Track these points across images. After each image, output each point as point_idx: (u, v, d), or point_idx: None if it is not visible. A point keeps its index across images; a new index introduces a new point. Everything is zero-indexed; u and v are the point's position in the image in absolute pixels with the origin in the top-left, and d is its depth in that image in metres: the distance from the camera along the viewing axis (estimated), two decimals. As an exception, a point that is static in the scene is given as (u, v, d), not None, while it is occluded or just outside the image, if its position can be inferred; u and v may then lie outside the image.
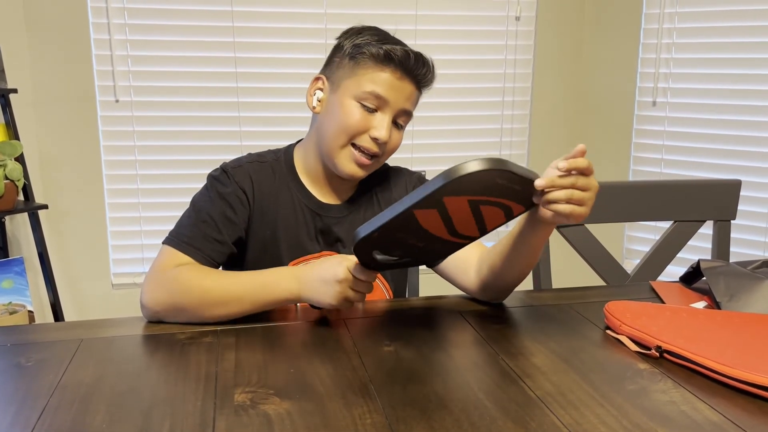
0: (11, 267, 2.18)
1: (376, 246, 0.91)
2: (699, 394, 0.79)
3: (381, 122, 1.07)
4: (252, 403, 0.75)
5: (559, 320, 1.03)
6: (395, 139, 1.11)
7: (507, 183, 0.83)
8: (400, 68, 1.07)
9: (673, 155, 2.50)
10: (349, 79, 1.08)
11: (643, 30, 2.52)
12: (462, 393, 0.79)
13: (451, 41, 2.55)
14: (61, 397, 0.77)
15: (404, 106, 1.09)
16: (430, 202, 0.82)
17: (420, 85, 1.11)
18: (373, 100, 1.07)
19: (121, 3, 2.30)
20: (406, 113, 1.11)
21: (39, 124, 2.32)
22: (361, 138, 1.08)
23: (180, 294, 0.98)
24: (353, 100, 1.07)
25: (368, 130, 1.07)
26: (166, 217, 2.43)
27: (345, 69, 1.09)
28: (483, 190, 0.82)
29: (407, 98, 1.09)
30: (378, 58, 1.06)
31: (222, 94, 2.41)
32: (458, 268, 1.12)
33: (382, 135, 1.07)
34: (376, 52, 1.06)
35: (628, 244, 2.67)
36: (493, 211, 0.88)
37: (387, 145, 1.10)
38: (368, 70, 1.07)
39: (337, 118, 1.08)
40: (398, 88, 1.07)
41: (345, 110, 1.07)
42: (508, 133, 2.69)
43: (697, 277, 1.17)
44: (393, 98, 1.07)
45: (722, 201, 1.46)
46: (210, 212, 1.07)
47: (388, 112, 1.08)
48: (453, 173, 0.79)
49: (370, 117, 1.08)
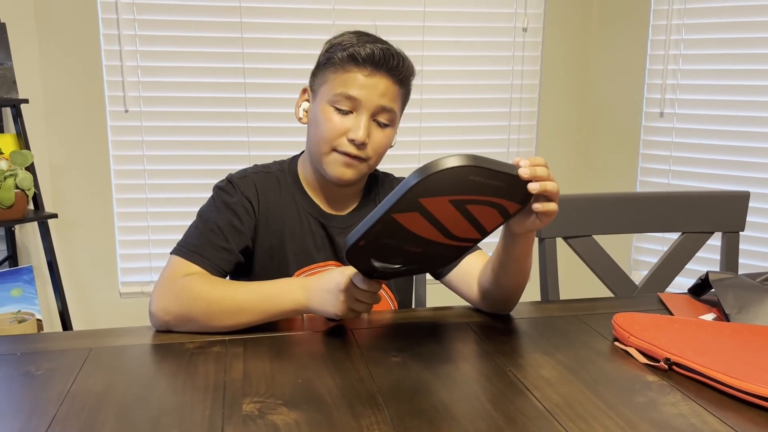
0: (20, 275, 2.19)
1: (370, 255, 0.91)
2: (708, 407, 0.78)
3: (356, 123, 1.07)
4: (260, 413, 0.76)
5: (567, 332, 1.03)
6: (378, 138, 1.09)
7: (484, 180, 0.80)
8: (369, 66, 1.06)
9: (681, 166, 2.50)
10: (323, 86, 1.10)
11: (650, 41, 2.53)
12: (470, 404, 0.79)
13: (458, 52, 2.56)
14: (71, 406, 0.77)
15: (380, 103, 1.07)
16: (407, 204, 0.81)
17: (397, 78, 1.09)
18: (345, 102, 1.07)
19: (132, 15, 2.32)
20: (385, 110, 1.09)
21: (49, 134, 2.34)
22: (340, 142, 1.08)
23: (189, 304, 0.98)
24: (328, 105, 1.08)
25: (345, 133, 1.07)
26: (175, 226, 2.44)
27: (320, 77, 1.11)
28: (461, 189, 0.80)
29: (382, 94, 1.08)
30: (344, 60, 1.07)
31: (230, 104, 2.43)
32: (463, 280, 1.12)
33: (358, 136, 1.06)
34: (341, 56, 1.07)
35: (635, 255, 2.66)
36: (486, 211, 0.86)
37: (370, 146, 1.08)
38: (337, 74, 1.08)
39: (317, 125, 1.10)
40: (369, 85, 1.07)
41: (322, 116, 1.08)
42: (515, 144, 2.69)
43: (706, 288, 1.16)
44: (365, 97, 1.06)
45: (731, 212, 1.45)
46: (217, 221, 1.08)
47: (363, 112, 1.07)
48: (421, 173, 0.78)
49: (346, 119, 1.08)
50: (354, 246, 0.88)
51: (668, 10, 2.45)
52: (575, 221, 1.39)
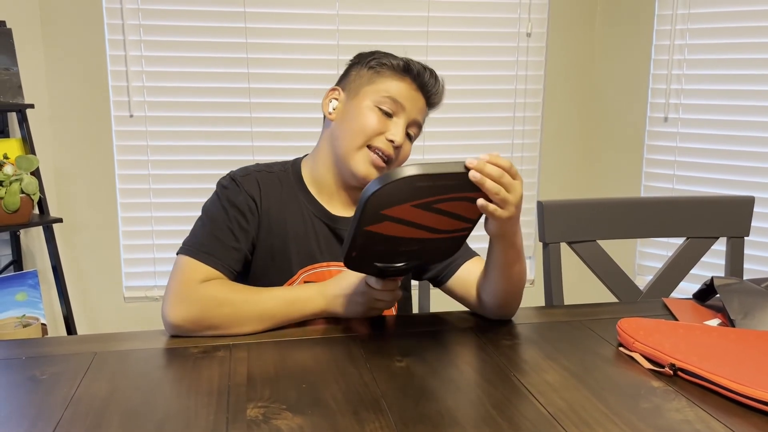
0: (25, 280, 2.20)
1: (371, 261, 0.94)
2: (714, 413, 0.78)
3: (397, 126, 1.12)
4: (264, 417, 0.76)
5: (572, 337, 1.03)
6: (406, 148, 1.15)
7: (433, 183, 0.83)
8: (417, 80, 1.13)
9: (686, 171, 2.49)
10: (368, 86, 1.14)
11: (654, 46, 2.53)
12: (474, 409, 0.79)
13: (462, 57, 2.56)
14: (75, 410, 0.78)
15: (417, 117, 1.14)
16: (373, 218, 0.84)
17: (430, 101, 1.17)
18: (390, 104, 1.12)
19: (137, 20, 2.33)
20: (417, 125, 1.16)
21: (55, 138, 2.35)
22: (377, 140, 1.11)
23: (213, 311, 1.00)
24: (372, 103, 1.12)
25: (384, 132, 1.12)
26: (179, 231, 2.43)
27: (364, 78, 1.15)
28: (415, 195, 0.83)
29: (420, 110, 1.15)
30: (398, 68, 1.13)
31: (235, 109, 2.43)
32: (462, 287, 1.14)
33: (397, 137, 1.11)
34: (397, 63, 1.13)
35: (640, 260, 2.65)
36: (458, 205, 0.88)
37: (400, 152, 1.13)
38: (388, 78, 1.13)
39: (355, 120, 1.13)
40: (413, 98, 1.13)
41: (363, 113, 1.12)
42: (519, 149, 2.69)
43: (711, 294, 1.16)
44: (409, 106, 1.13)
45: (735, 217, 1.45)
46: (225, 221, 1.09)
47: (404, 118, 1.13)
48: (367, 191, 0.82)
49: (387, 121, 1.12)
50: (348, 257, 0.92)
51: (672, 15, 2.45)
52: (579, 226, 1.39)
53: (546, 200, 1.38)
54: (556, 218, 1.37)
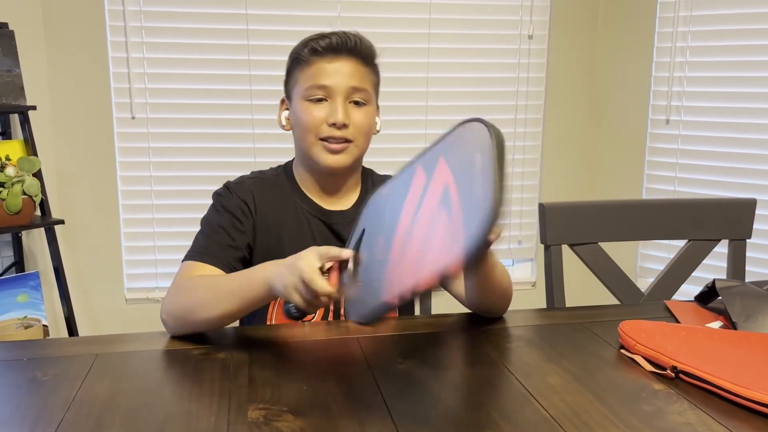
0: (27, 281, 2.20)
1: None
2: (716, 415, 0.78)
3: (332, 107, 1.11)
4: (266, 420, 0.75)
5: (573, 339, 1.03)
6: (359, 117, 1.12)
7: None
8: (329, 53, 1.11)
9: (687, 173, 2.49)
10: (295, 87, 1.16)
11: (656, 48, 2.53)
12: (475, 412, 0.78)
13: (464, 59, 2.56)
14: (77, 412, 0.77)
15: (350, 84, 1.11)
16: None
17: (359, 58, 1.13)
18: (317, 92, 1.12)
19: (139, 22, 2.33)
20: (357, 90, 1.12)
21: (57, 140, 2.35)
22: (322, 129, 1.12)
23: (188, 292, 1.01)
24: (302, 99, 1.13)
25: (325, 119, 1.12)
26: (181, 232, 2.44)
27: (291, 81, 1.19)
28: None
29: (350, 76, 1.12)
30: (306, 56, 1.13)
31: (237, 111, 2.43)
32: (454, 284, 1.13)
33: (338, 117, 1.10)
34: (303, 53, 1.14)
35: (641, 262, 2.65)
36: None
37: (352, 126, 1.12)
38: (304, 70, 1.14)
39: (297, 123, 1.15)
40: (335, 70, 1.11)
41: (300, 112, 1.14)
42: (521, 151, 2.69)
43: (713, 296, 1.16)
44: (334, 82, 1.11)
45: (737, 220, 1.45)
46: (220, 223, 1.12)
47: (337, 97, 1.11)
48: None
49: (322, 107, 1.12)
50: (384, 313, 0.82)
51: (674, 17, 2.45)
52: (581, 228, 1.39)
53: (547, 202, 1.38)
54: (558, 220, 1.37)
